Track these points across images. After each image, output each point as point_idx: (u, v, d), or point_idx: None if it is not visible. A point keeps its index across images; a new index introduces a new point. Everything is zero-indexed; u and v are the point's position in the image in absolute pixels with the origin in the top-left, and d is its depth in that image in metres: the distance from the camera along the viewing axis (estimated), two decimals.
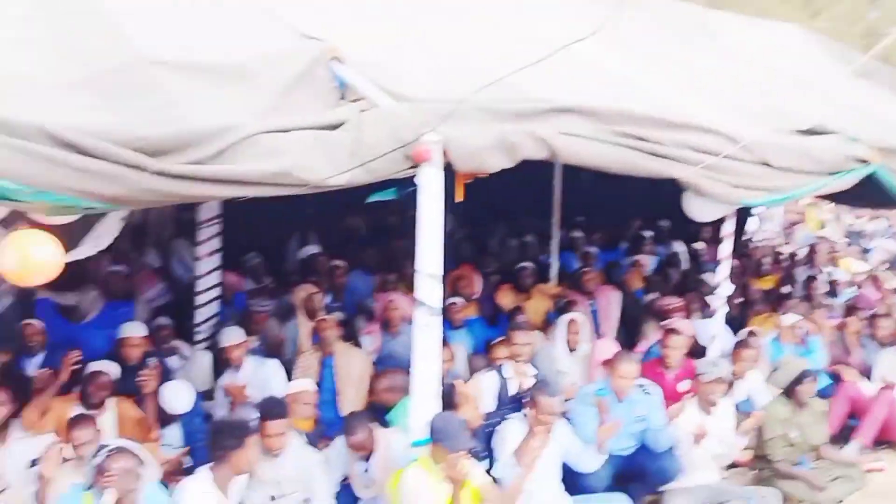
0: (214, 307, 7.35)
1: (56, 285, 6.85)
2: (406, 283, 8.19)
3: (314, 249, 8.81)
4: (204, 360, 6.76)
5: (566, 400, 5.74)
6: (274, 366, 6.37)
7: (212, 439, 4.55)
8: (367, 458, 5.22)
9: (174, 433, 5.80)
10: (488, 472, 5.07)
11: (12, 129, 3.36)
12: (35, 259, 3.43)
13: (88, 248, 4.05)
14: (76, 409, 5.43)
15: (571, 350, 6.74)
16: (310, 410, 5.67)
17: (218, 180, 3.79)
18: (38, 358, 6.26)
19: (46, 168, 3.34)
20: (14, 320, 6.71)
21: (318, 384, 6.42)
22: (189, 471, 5.49)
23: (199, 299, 7.21)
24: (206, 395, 6.40)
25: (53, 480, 4.33)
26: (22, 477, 4.90)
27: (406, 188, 5.46)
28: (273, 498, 4.79)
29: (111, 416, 5.50)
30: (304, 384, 5.80)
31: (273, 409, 4.87)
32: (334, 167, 4.05)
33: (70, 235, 3.78)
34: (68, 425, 4.88)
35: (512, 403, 5.62)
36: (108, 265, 7.30)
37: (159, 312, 7.38)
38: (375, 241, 9.52)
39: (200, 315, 7.22)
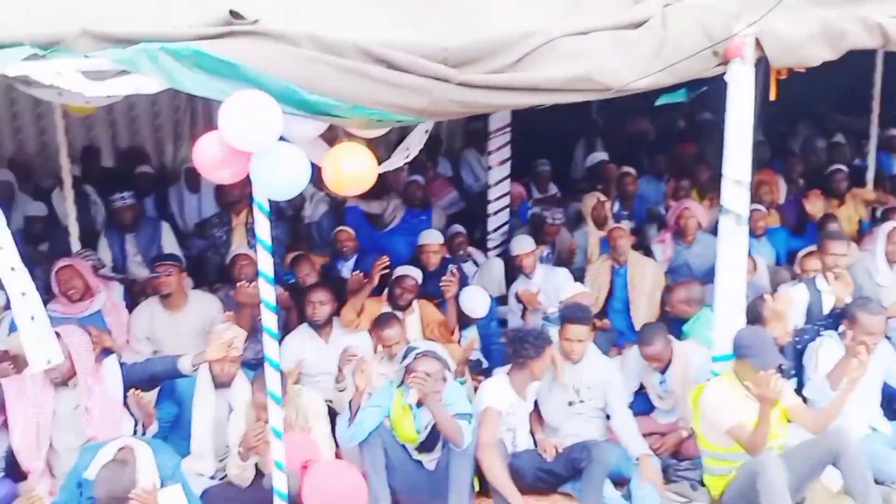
0: (504, 216, 7.50)
1: (363, 194, 7.41)
2: (699, 189, 7.79)
3: (601, 156, 8.62)
4: (496, 266, 6.95)
5: (889, 318, 5.16)
6: (564, 274, 6.39)
7: (511, 347, 4.68)
8: (662, 370, 5.10)
9: (472, 335, 6.05)
10: (797, 392, 4.75)
11: (329, 47, 3.52)
12: (353, 170, 3.62)
13: (398, 159, 4.23)
14: (386, 310, 5.85)
15: (892, 263, 6.03)
16: None
17: (518, 88, 3.74)
18: (351, 262, 6.79)
19: (362, 84, 3.48)
20: (329, 227, 7.32)
21: (609, 293, 6.36)
22: (484, 371, 5.77)
23: (491, 208, 7.38)
24: (499, 301, 6.60)
25: (367, 381, 4.73)
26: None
27: (697, 89, 5.10)
28: (570, 404, 4.85)
29: (416, 317, 5.85)
30: (581, 288, 5.78)
31: (576, 314, 4.87)
32: (637, 70, 3.83)
33: (381, 147, 3.95)
34: (378, 324, 5.24)
35: (825, 320, 5.16)
36: (407, 175, 7.67)
37: (453, 220, 7.67)
38: (664, 145, 9.12)
39: (492, 223, 7.40)
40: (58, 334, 4.43)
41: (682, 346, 5.15)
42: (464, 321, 5.94)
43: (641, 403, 5.23)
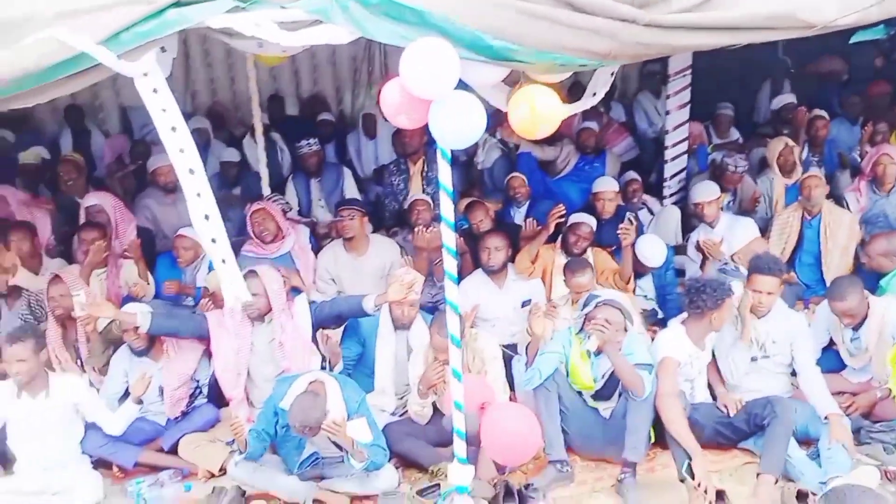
0: (682, 162, 7.21)
1: (536, 140, 7.36)
2: None
3: (789, 98, 8.09)
4: (673, 215, 6.73)
5: None
6: (748, 224, 6.09)
7: (689, 297, 4.53)
8: (856, 327, 4.79)
9: (647, 284, 5.92)
10: None
11: None
12: (541, 111, 3.57)
13: (585, 102, 4.13)
14: (560, 258, 5.82)
15: None
16: None
17: (711, 28, 3.55)
18: (523, 208, 6.78)
19: (547, 28, 3.41)
20: (501, 174, 7.33)
21: (798, 245, 6.02)
22: (658, 322, 5.63)
23: (668, 154, 7.12)
24: (675, 250, 6.40)
25: (544, 326, 4.75)
26: (514, 315, 5.47)
27: None
28: (753, 359, 4.66)
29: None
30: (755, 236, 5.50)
31: (768, 265, 4.64)
32: (842, 5, 3.53)
33: (563, 92, 3.86)
34: (570, 269, 5.28)
35: None
36: (579, 121, 7.53)
37: (627, 167, 7.48)
38: (859, 86, 8.41)
39: (669, 170, 7.15)
40: (255, 272, 4.76)
41: (878, 301, 4.81)
42: (639, 270, 5.82)
43: (830, 361, 4.95)
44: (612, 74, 4.15)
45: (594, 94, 4.13)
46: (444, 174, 3.79)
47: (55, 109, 8.40)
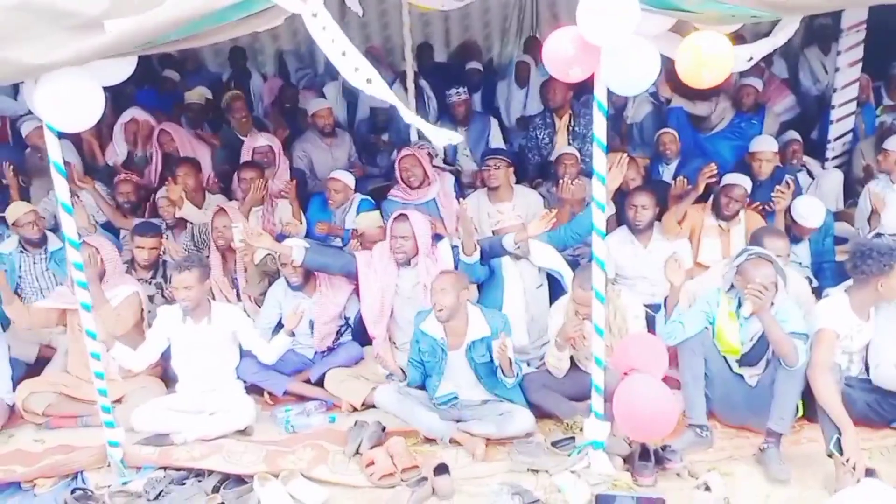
0: (849, 123, 6.77)
1: (689, 94, 7.08)
2: None
3: None
4: (835, 178, 6.34)
5: None
6: None
7: (853, 261, 4.25)
8: None
9: (802, 251, 5.64)
10: None
11: None
12: (710, 58, 3.42)
13: (762, 45, 3.87)
14: (709, 219, 5.62)
15: None
16: None
17: None
18: (672, 165, 6.57)
19: None
20: (651, 129, 7.11)
21: None
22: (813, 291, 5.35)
23: (834, 114, 6.69)
24: (836, 216, 6.05)
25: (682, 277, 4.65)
26: (657, 276, 5.33)
27: None
28: None
29: (741, 229, 5.55)
30: None
31: None
32: None
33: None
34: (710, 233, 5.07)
35: None
36: (739, 77, 7.17)
37: (786, 126, 7.09)
38: None
39: (834, 131, 6.73)
40: (405, 216, 4.86)
41: None
42: (795, 234, 5.53)
43: None
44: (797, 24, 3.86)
45: (751, 57, 3.87)
46: (600, 126, 3.73)
47: (218, 51, 8.80)
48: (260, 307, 5.25)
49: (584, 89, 7.01)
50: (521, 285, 5.04)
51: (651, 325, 4.89)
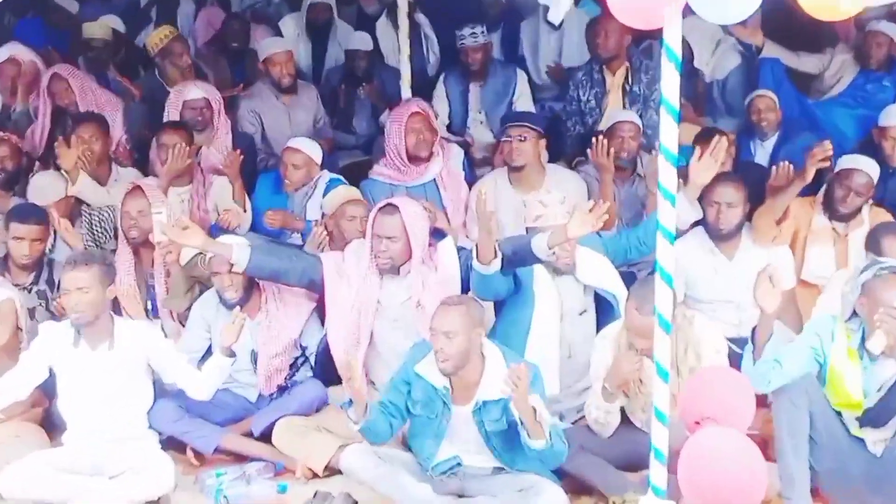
0: None
1: (790, 41, 7.06)
2: None
3: None
4: None
5: None
6: None
7: None
8: None
9: None
10: None
11: None
12: None
13: None
14: (819, 218, 5.63)
15: None
16: None
17: None
18: (770, 141, 6.59)
19: None
20: (739, 90, 7.16)
21: None
22: None
23: None
24: None
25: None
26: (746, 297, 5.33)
27: None
28: None
29: (863, 231, 5.56)
30: None
31: None
32: None
33: None
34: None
35: None
36: (864, 21, 7.15)
37: None
38: None
39: None
40: (394, 207, 4.84)
41: None
42: None
43: None
44: None
45: None
46: (671, 84, 3.74)
47: None
48: (185, 327, 5.26)
49: (644, 33, 7.07)
50: (558, 308, 5.02)
51: (735, 365, 4.88)
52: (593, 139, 5.80)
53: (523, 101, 7.08)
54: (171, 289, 5.39)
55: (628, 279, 5.18)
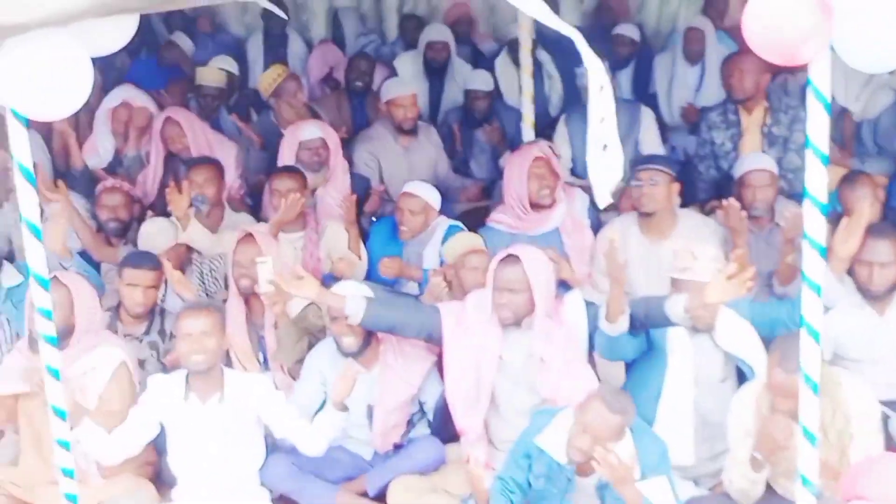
0: None
1: None
2: None
3: None
4: None
5: None
6: None
7: None
8: None
9: None
10: None
11: None
12: None
13: None
14: None
15: None
16: None
17: None
18: None
19: None
20: (893, 129, 7.00)
21: None
22: None
23: None
24: None
25: None
26: None
27: None
28: None
29: None
30: None
31: None
32: None
33: None
34: None
35: None
36: None
37: None
38: None
39: None
40: (516, 258, 4.84)
41: None
42: None
43: None
44: None
45: None
46: (819, 127, 3.72)
47: (244, 7, 9.03)
48: (296, 380, 5.32)
49: (778, 70, 6.97)
50: (694, 372, 4.92)
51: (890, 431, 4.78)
52: (724, 202, 5.72)
53: (650, 141, 7.01)
54: (279, 341, 5.42)
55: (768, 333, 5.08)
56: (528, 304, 4.87)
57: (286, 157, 6.63)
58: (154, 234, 6.14)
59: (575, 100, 7.31)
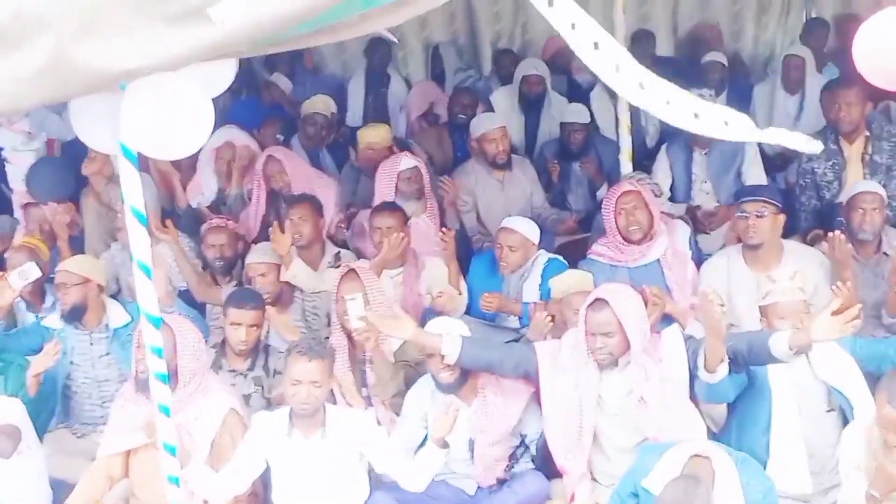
0: None
1: None
2: None
3: None
4: None
5: None
6: None
7: None
8: None
9: None
10: None
11: None
12: None
13: None
14: None
15: None
16: None
17: None
18: None
19: None
20: None
21: None
22: None
23: None
24: None
25: None
26: None
27: None
28: None
29: None
30: None
31: None
32: None
33: None
34: None
35: None
36: None
37: None
38: None
39: None
40: (602, 301, 4.78)
41: None
42: None
43: None
44: None
45: None
46: None
47: (340, 46, 9.14)
48: (398, 415, 5.32)
49: (879, 96, 6.80)
50: (796, 403, 4.82)
51: None
52: (829, 235, 5.62)
53: (755, 172, 6.95)
54: (377, 376, 5.44)
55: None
56: (623, 343, 4.80)
57: (385, 189, 6.65)
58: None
59: (673, 130, 7.24)
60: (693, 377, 4.80)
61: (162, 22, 3.34)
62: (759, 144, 7.35)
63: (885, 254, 5.84)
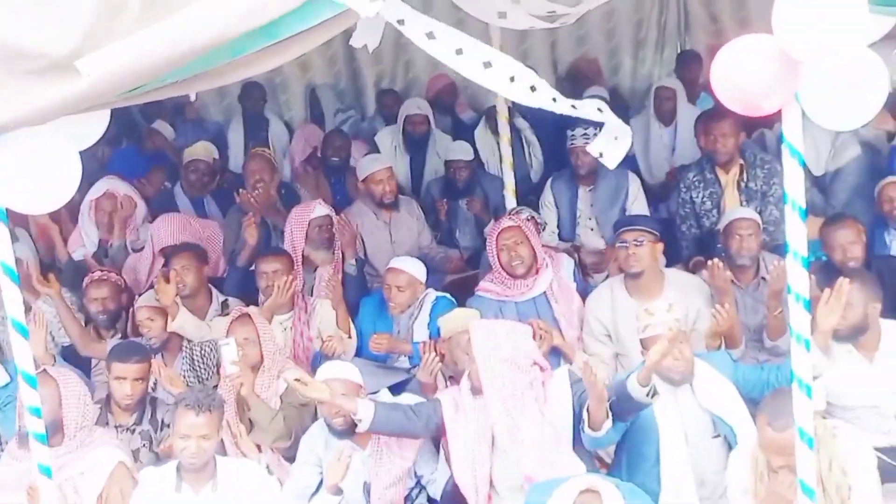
0: None
1: None
2: None
3: None
4: None
5: None
6: None
7: None
8: None
9: None
10: None
11: None
12: None
13: None
14: None
15: None
16: None
17: None
18: None
19: None
20: (858, 181, 7.05)
21: None
22: None
23: None
24: None
25: None
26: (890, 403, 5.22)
27: None
28: None
29: None
30: None
31: None
32: None
33: None
34: None
35: None
36: None
37: None
38: None
39: None
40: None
41: None
42: None
43: None
44: None
45: None
46: (794, 182, 3.74)
47: (222, 92, 9.11)
48: (291, 464, 5.29)
49: (754, 125, 6.96)
50: (683, 433, 4.88)
51: (889, 479, 4.73)
52: (709, 262, 5.75)
53: (638, 207, 7.04)
54: (254, 422, 5.40)
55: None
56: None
57: (297, 236, 6.55)
58: None
59: (557, 165, 7.35)
60: (579, 426, 4.81)
61: (29, 76, 3.33)
62: (641, 178, 7.54)
63: (763, 279, 5.98)
